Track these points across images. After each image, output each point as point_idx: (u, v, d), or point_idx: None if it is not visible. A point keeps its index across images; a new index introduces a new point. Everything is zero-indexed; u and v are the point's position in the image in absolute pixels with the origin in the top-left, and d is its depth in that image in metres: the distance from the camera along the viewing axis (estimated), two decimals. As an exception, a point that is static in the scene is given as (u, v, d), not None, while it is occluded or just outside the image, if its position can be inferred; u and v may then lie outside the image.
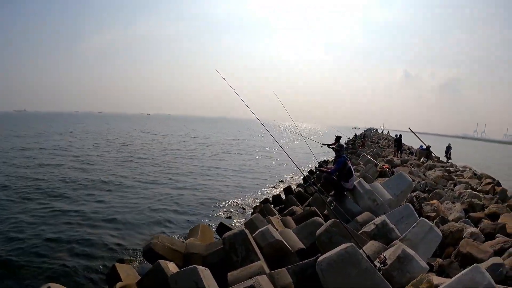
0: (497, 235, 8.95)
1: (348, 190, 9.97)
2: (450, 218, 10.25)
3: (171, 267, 5.59)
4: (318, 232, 6.77)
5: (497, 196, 13.84)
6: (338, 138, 19.24)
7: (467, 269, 4.74)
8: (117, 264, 6.24)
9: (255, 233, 6.68)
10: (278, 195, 14.83)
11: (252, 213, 12.03)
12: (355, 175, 10.86)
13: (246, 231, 6.38)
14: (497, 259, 6.97)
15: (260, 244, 6.46)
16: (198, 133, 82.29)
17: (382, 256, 5.01)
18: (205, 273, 4.87)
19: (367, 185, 10.13)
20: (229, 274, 5.50)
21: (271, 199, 14.81)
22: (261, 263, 5.70)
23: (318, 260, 4.75)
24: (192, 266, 4.86)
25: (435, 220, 9.54)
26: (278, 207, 12.64)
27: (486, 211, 11.27)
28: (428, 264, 7.39)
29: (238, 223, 13.34)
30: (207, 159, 34.45)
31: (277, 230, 7.35)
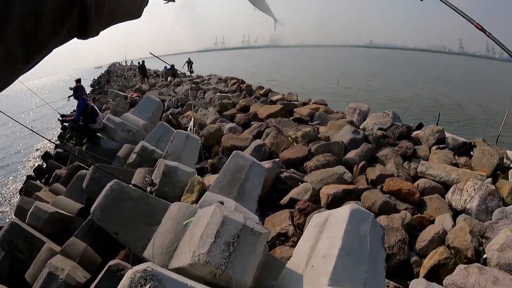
0: (252, 122, 10.15)
1: (100, 130, 9.66)
2: (208, 122, 11.04)
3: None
4: (84, 184, 6.47)
5: (244, 92, 15.66)
6: (78, 80, 18.05)
7: (228, 158, 5.19)
8: None
9: (27, 218, 5.96)
10: (39, 166, 13.62)
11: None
12: (104, 114, 10.58)
13: (16, 220, 5.65)
14: (258, 142, 7.86)
15: (37, 226, 5.80)
16: None
17: (147, 179, 5.03)
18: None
19: (116, 119, 9.96)
20: (25, 276, 4.92)
21: (33, 174, 13.54)
22: (48, 245, 5.19)
23: (91, 211, 4.48)
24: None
25: (195, 128, 10.10)
26: (43, 179, 11.63)
27: (238, 106, 12.53)
28: (202, 168, 7.88)
29: (11, 217, 11.89)
30: None
31: (48, 202, 6.79)
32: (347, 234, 3.66)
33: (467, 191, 6.53)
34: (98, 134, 9.62)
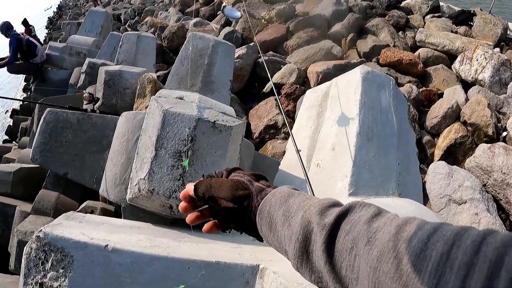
0: (218, 12, 9.38)
1: (44, 63, 8.46)
2: (171, 23, 10.01)
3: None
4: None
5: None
6: (24, 21, 16.09)
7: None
8: None
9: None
10: (9, 126, 12.15)
11: None
12: (42, 45, 9.32)
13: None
14: (227, 29, 7.45)
15: (6, 192, 4.47)
16: None
17: (86, 95, 3.96)
18: None
19: (59, 44, 8.78)
20: (9, 250, 4.06)
21: (7, 137, 12.10)
22: (19, 207, 4.07)
23: (30, 155, 3.62)
24: None
25: (157, 32, 9.23)
26: (17, 138, 10.47)
27: (201, 0, 11.28)
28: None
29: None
30: None
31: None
32: (365, 110, 2.56)
33: (477, 60, 5.95)
34: (45, 66, 8.45)
